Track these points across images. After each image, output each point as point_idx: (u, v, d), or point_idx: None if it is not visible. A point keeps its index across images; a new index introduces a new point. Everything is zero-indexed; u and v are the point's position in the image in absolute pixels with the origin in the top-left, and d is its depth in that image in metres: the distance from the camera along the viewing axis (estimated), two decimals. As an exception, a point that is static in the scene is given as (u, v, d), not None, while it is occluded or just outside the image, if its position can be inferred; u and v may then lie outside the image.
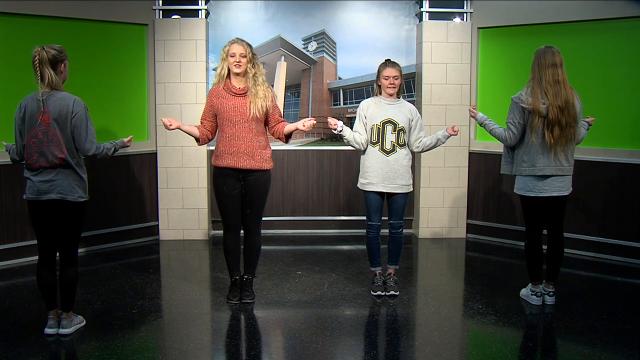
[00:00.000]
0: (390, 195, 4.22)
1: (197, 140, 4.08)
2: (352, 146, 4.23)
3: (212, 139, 4.13)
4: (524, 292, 4.28)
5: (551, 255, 4.12)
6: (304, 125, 3.87)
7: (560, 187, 3.96)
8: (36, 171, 3.40)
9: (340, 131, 4.13)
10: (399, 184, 4.18)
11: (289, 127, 3.99)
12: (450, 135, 4.21)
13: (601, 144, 5.24)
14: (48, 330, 3.56)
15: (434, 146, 4.28)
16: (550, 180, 3.95)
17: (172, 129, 3.91)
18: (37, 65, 3.34)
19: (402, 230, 4.29)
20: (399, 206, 4.24)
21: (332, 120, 4.10)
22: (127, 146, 3.78)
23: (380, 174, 4.16)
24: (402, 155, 4.19)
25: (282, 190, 6.15)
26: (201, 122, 4.10)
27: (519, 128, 3.95)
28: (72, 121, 3.39)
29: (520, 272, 4.80)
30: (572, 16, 5.31)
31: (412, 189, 4.28)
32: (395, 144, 4.17)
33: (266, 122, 4.06)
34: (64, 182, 3.40)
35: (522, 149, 3.99)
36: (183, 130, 4.00)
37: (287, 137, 4.06)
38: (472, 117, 4.29)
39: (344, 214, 6.22)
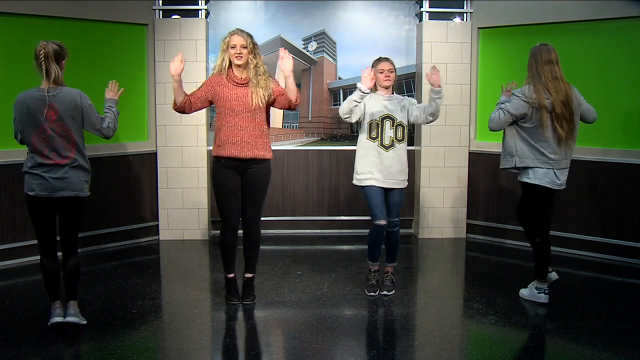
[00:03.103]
0: (388, 190, 4.20)
1: (175, 103, 3.90)
2: (347, 109, 4.05)
3: (188, 113, 3.99)
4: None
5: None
6: (282, 63, 3.79)
7: (564, 180, 4.03)
8: (48, 167, 3.41)
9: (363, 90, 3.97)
10: (398, 179, 4.18)
11: (287, 84, 3.87)
12: (433, 82, 4.00)
13: (601, 144, 5.24)
14: (55, 319, 3.56)
15: (437, 108, 4.09)
16: (559, 172, 3.99)
17: (178, 72, 3.80)
18: (43, 59, 3.34)
19: (398, 229, 4.27)
20: (396, 202, 4.21)
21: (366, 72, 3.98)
22: (116, 99, 3.73)
23: (379, 168, 4.13)
24: (401, 151, 4.19)
25: (282, 190, 6.14)
26: (190, 94, 3.98)
27: (507, 116, 3.95)
28: (83, 113, 3.47)
29: (520, 272, 4.80)
30: (572, 16, 5.31)
31: (407, 184, 4.29)
32: (394, 139, 4.16)
33: (273, 104, 4.01)
34: (75, 179, 3.47)
35: (539, 143, 3.94)
36: (177, 84, 3.83)
37: (295, 102, 3.95)
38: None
39: (344, 214, 6.21)
